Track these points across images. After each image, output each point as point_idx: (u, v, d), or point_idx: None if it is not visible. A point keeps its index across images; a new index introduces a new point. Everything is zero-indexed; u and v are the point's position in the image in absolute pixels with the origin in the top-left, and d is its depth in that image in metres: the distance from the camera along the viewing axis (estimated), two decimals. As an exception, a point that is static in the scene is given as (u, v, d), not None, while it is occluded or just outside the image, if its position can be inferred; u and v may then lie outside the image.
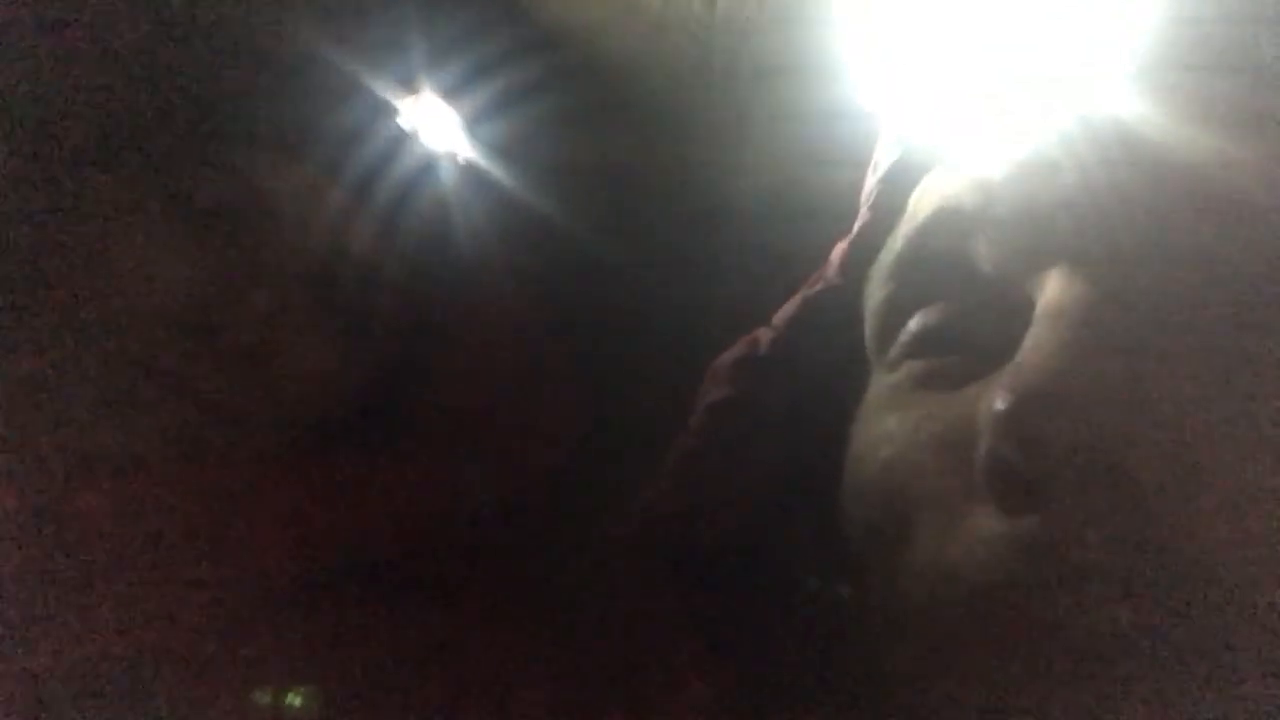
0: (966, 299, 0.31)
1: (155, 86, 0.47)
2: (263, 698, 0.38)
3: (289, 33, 0.47)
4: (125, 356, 0.44)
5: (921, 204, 0.33)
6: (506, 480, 0.47)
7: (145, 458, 0.42)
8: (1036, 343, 0.26)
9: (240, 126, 0.47)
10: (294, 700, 0.38)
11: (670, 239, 0.58)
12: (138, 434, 0.43)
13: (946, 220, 0.31)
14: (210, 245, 0.45)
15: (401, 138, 0.50)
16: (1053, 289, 0.27)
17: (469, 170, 0.53)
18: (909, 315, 0.32)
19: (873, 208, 0.36)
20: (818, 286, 0.38)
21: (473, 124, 0.52)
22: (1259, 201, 0.26)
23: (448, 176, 0.52)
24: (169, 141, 0.46)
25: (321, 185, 0.48)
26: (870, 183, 0.38)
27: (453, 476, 0.46)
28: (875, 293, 0.34)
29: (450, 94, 0.52)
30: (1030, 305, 0.28)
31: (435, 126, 0.52)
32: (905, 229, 0.33)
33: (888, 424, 0.31)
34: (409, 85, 0.51)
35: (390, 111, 0.50)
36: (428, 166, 0.51)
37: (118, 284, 0.44)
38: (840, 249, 0.38)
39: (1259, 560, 0.24)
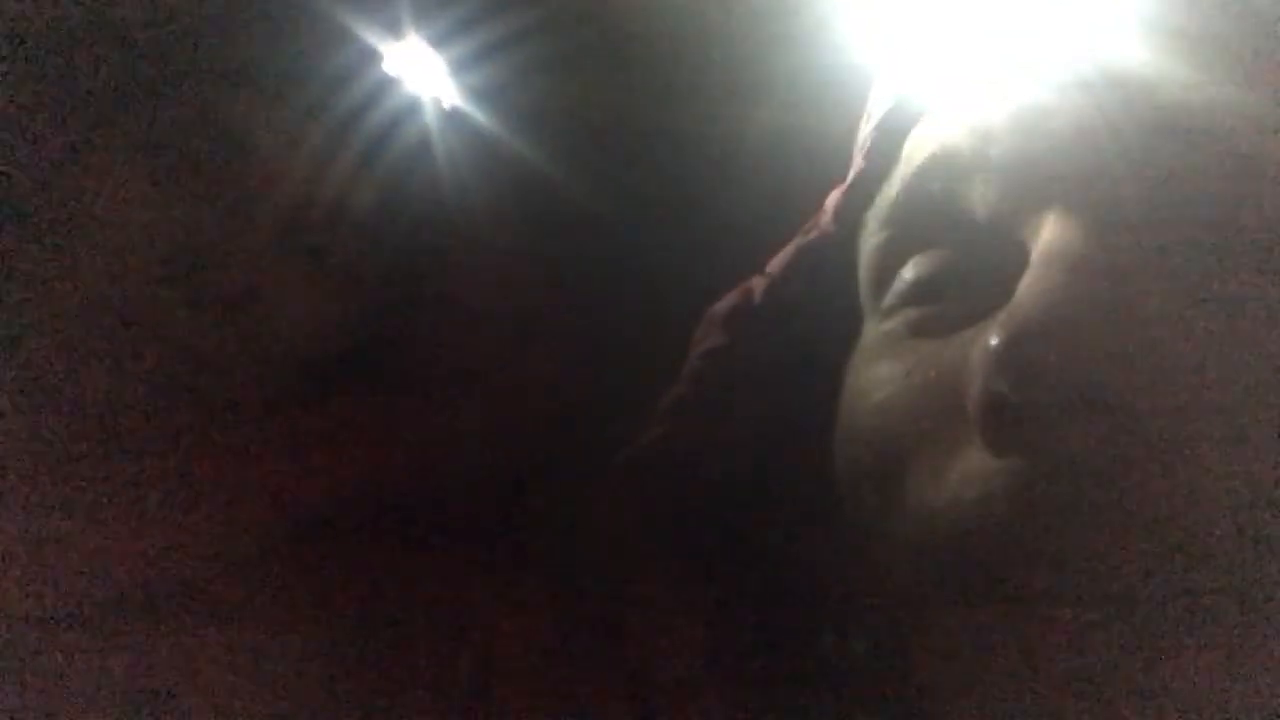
0: (961, 245, 0.31)
1: (129, 28, 0.46)
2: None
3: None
4: (104, 304, 0.43)
5: (917, 151, 0.33)
6: (503, 428, 0.47)
7: (130, 405, 0.43)
8: (1031, 284, 0.26)
9: (219, 68, 0.47)
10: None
11: (666, 185, 0.58)
12: (120, 382, 0.43)
13: (942, 166, 0.31)
14: (189, 190, 0.44)
15: (386, 83, 0.50)
16: (1047, 233, 0.27)
17: (455, 116, 0.52)
18: (904, 262, 0.32)
19: (867, 155, 0.36)
20: (812, 234, 0.37)
21: (461, 69, 0.51)
22: (1249, 145, 0.26)
23: (433, 122, 0.51)
24: (144, 85, 0.45)
25: (304, 129, 0.47)
26: (864, 131, 0.38)
27: (448, 424, 0.46)
28: (870, 240, 0.34)
29: (437, 39, 0.51)
30: (1025, 251, 0.28)
31: (421, 72, 0.51)
32: (901, 175, 0.33)
33: (881, 370, 0.32)
34: (394, 30, 0.50)
35: (375, 57, 0.49)
36: (413, 112, 0.50)
37: (94, 230, 0.44)
38: (835, 197, 0.37)
39: (1253, 484, 0.24)
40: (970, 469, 0.27)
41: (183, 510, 0.40)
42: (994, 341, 0.25)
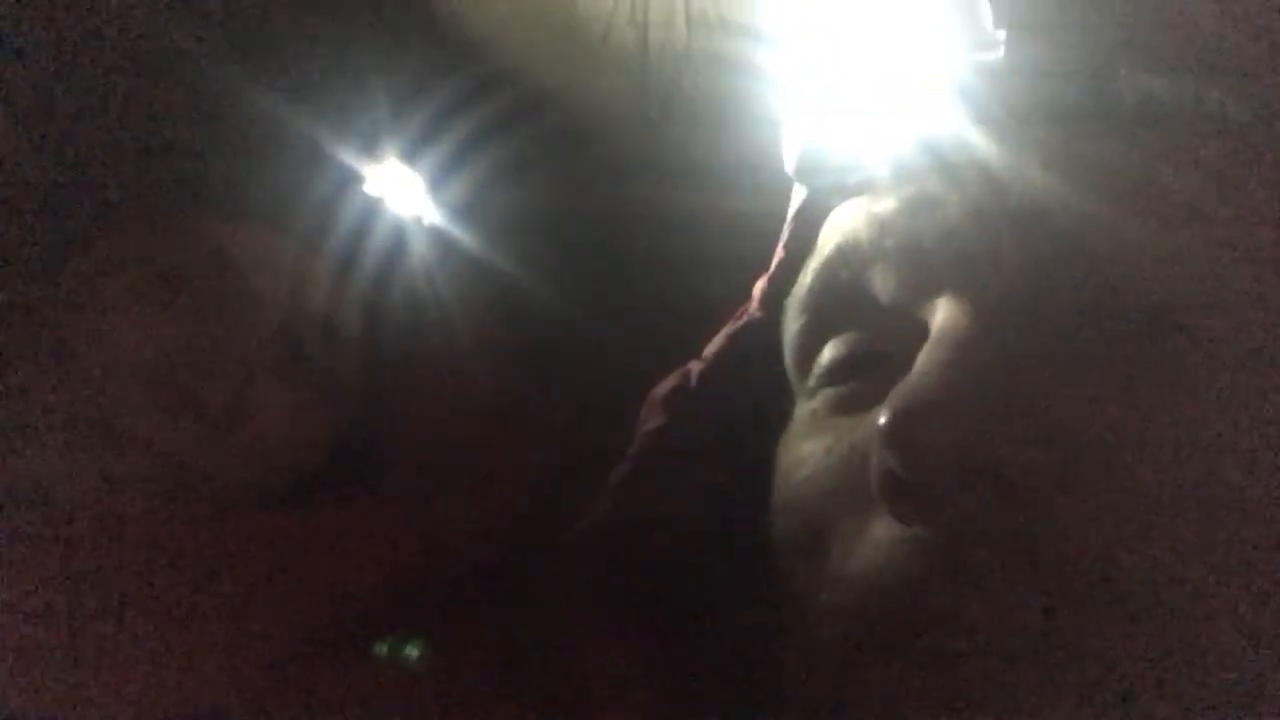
0: (871, 328, 0.33)
1: (123, 155, 0.48)
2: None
3: (257, 102, 0.49)
4: (94, 420, 0.45)
5: (826, 240, 0.36)
6: (481, 522, 0.48)
7: (120, 519, 0.44)
8: (921, 363, 0.29)
9: (209, 193, 0.49)
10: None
11: (624, 274, 0.60)
12: (110, 496, 0.45)
13: (847, 254, 0.34)
14: (179, 310, 0.46)
15: (368, 203, 0.53)
16: (939, 315, 0.30)
17: (433, 231, 0.55)
18: (822, 345, 0.35)
19: (786, 245, 0.39)
20: (741, 320, 0.40)
21: (433, 184, 0.54)
22: (1102, 243, 0.29)
23: (414, 238, 0.54)
24: (138, 208, 0.48)
25: (290, 250, 0.50)
26: (786, 223, 0.40)
27: (429, 522, 0.47)
28: (790, 325, 0.36)
29: (410, 156, 0.54)
30: (925, 330, 0.30)
31: (400, 190, 0.54)
32: (813, 264, 0.36)
33: (806, 447, 0.34)
34: (372, 152, 0.53)
35: (357, 179, 0.52)
36: (394, 229, 0.53)
37: (86, 348, 0.46)
38: (760, 285, 0.40)
39: (1129, 543, 0.26)
40: (881, 538, 0.29)
41: (174, 622, 0.41)
42: (881, 420, 0.27)
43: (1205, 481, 0.26)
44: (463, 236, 0.55)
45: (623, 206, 0.58)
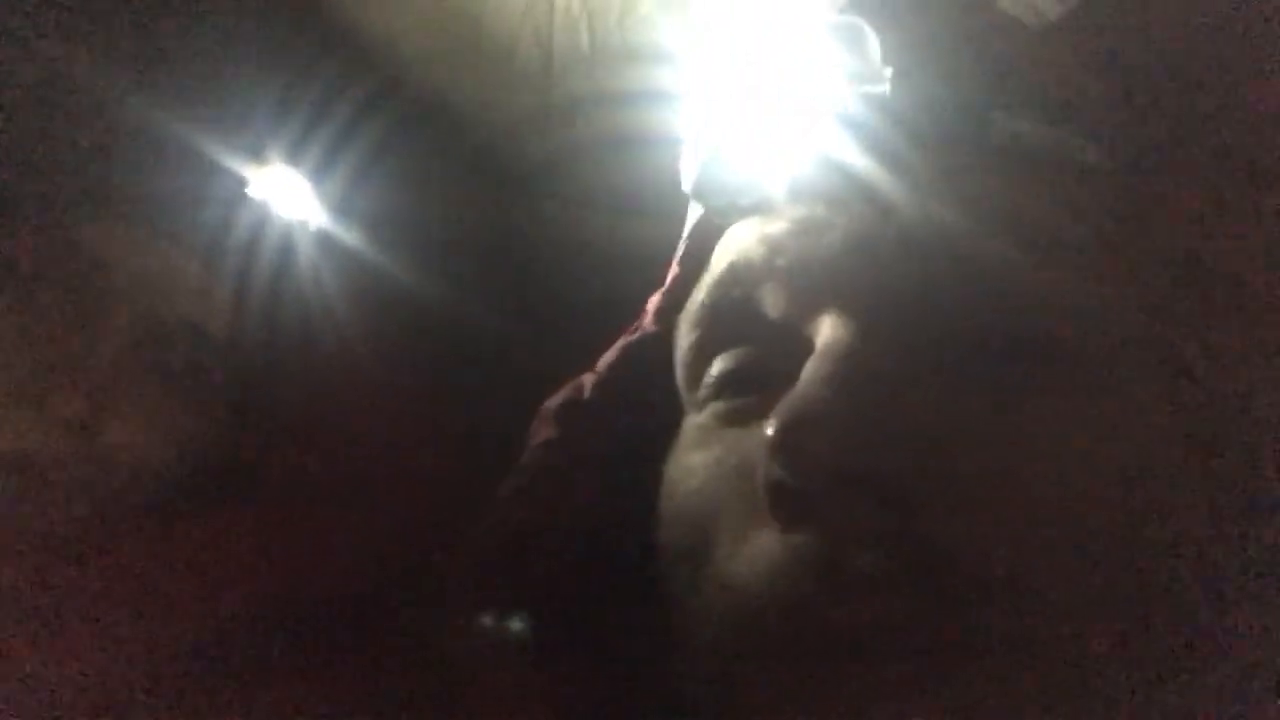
0: (760, 343, 0.34)
1: None
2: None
3: (133, 104, 0.47)
4: None
5: (719, 259, 0.37)
6: (370, 538, 0.47)
7: None
8: (805, 377, 0.30)
9: (79, 193, 0.47)
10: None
11: (518, 284, 0.61)
12: None
13: (739, 272, 0.35)
14: (40, 310, 0.44)
15: (253, 206, 0.51)
16: (824, 331, 0.31)
17: (321, 236, 0.54)
18: (711, 360, 0.36)
19: (680, 262, 0.40)
20: (635, 335, 0.41)
21: (321, 189, 0.53)
22: (975, 269, 0.31)
23: (300, 242, 0.53)
24: (4, 204, 0.46)
25: (160, 252, 0.48)
26: (681, 241, 0.41)
27: (306, 535, 0.46)
28: (683, 340, 0.37)
29: (298, 160, 0.53)
30: (812, 347, 0.32)
31: (286, 194, 0.53)
32: (706, 280, 0.37)
33: (694, 459, 0.35)
34: (259, 155, 0.52)
35: (242, 182, 0.51)
36: (279, 233, 0.52)
37: None
38: (654, 300, 0.41)
39: (1010, 543, 0.28)
40: (764, 545, 0.30)
41: (53, 634, 0.39)
42: (769, 431, 0.28)
43: (1069, 487, 0.28)
44: (351, 241, 0.54)
45: (520, 218, 0.58)
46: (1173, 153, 0.34)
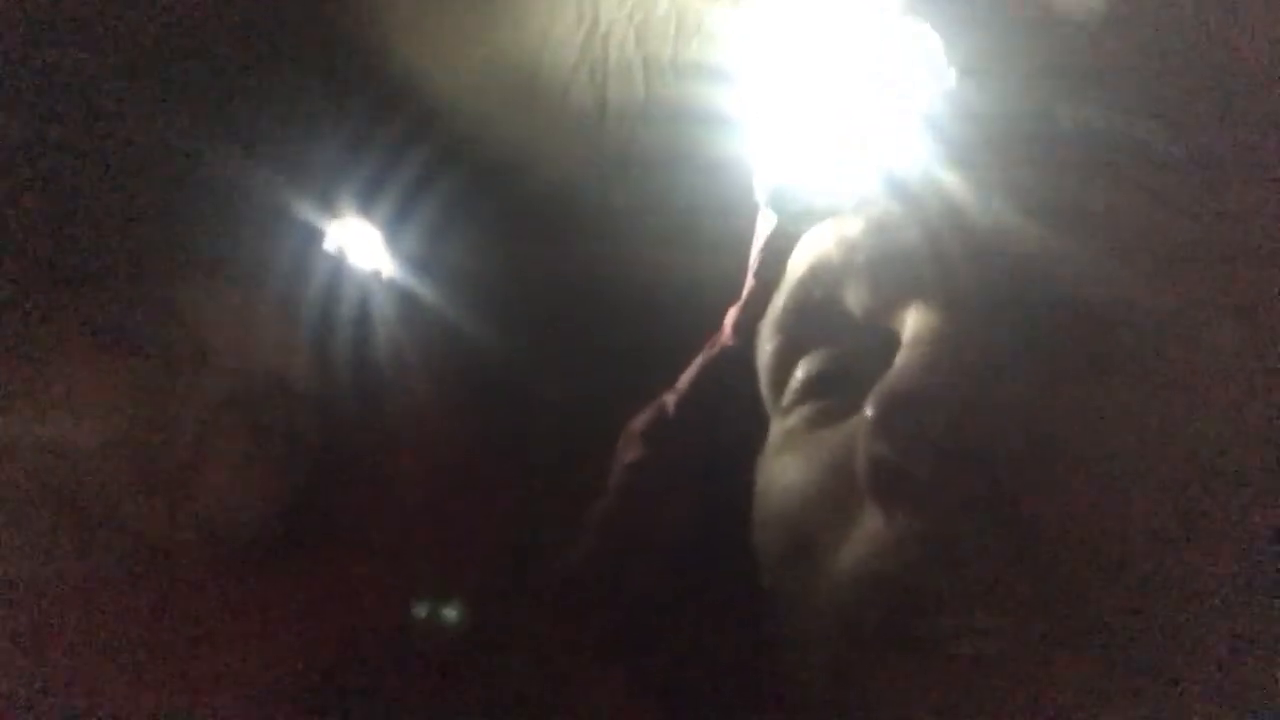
0: (844, 342, 0.35)
1: (82, 215, 0.48)
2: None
3: (208, 156, 0.49)
4: (47, 488, 0.44)
5: (797, 265, 0.37)
6: (443, 579, 0.48)
7: (70, 589, 0.42)
8: (902, 359, 0.30)
9: (161, 251, 0.49)
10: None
11: (582, 326, 0.61)
12: (61, 565, 0.43)
13: (819, 274, 0.36)
14: (130, 371, 0.46)
15: (329, 260, 0.53)
16: (912, 323, 0.32)
17: (393, 287, 0.55)
18: (795, 364, 0.36)
19: (756, 274, 0.40)
20: (715, 350, 0.41)
21: (392, 241, 0.55)
22: (1044, 256, 0.31)
23: (374, 294, 0.54)
24: (95, 269, 0.47)
25: (244, 306, 0.50)
26: (754, 254, 0.42)
27: (391, 581, 0.47)
28: (765, 347, 0.38)
29: (369, 213, 0.54)
30: (898, 341, 0.32)
31: (360, 246, 0.54)
32: (786, 287, 0.37)
33: (785, 462, 0.35)
34: (333, 209, 0.53)
35: (315, 235, 0.53)
36: (354, 285, 0.53)
37: (41, 415, 0.45)
38: (732, 314, 0.42)
39: (1111, 517, 0.28)
40: (868, 533, 0.30)
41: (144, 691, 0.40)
42: (869, 413, 0.29)
43: (1160, 451, 0.28)
44: (423, 291, 0.56)
45: (580, 261, 0.59)
46: (1247, 148, 0.35)
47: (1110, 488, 0.28)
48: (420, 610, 0.47)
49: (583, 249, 0.62)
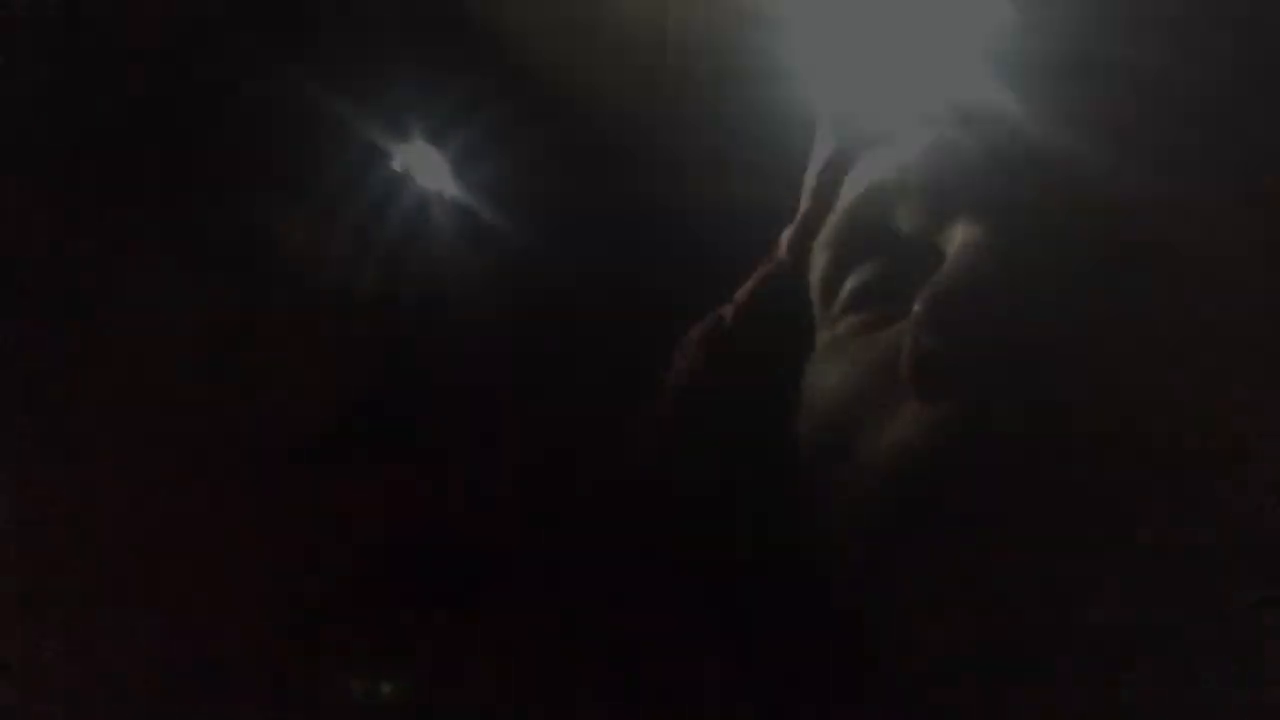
0: (892, 256, 0.37)
1: (163, 134, 0.51)
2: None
3: (290, 81, 0.52)
4: (139, 386, 0.47)
5: (852, 188, 0.39)
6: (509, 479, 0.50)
7: (167, 479, 0.45)
8: (950, 262, 0.32)
9: (247, 169, 0.52)
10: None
11: (641, 249, 0.63)
12: (156, 453, 0.46)
13: (872, 196, 0.38)
14: (215, 277, 0.49)
15: (395, 180, 0.55)
16: (959, 234, 0.33)
17: (457, 207, 0.58)
18: (846, 276, 0.38)
19: (812, 195, 0.42)
20: (770, 265, 0.44)
21: (459, 165, 0.57)
22: (1103, 181, 0.32)
23: (439, 214, 0.57)
24: (190, 183, 0.50)
25: (319, 222, 0.52)
26: (809, 178, 0.44)
27: (464, 476, 0.49)
28: (818, 259, 0.40)
29: (436, 137, 0.57)
30: (944, 255, 0.34)
31: (425, 169, 0.57)
32: (840, 207, 0.39)
33: (832, 364, 0.37)
34: (401, 131, 0.56)
35: (384, 155, 0.55)
36: (420, 206, 0.56)
37: (130, 313, 0.48)
38: (787, 232, 0.44)
39: (1157, 408, 0.29)
40: (908, 419, 0.32)
41: (225, 575, 0.43)
42: (918, 307, 0.31)
43: (1195, 343, 0.30)
44: (484, 212, 0.58)
45: (639, 183, 0.61)
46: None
47: (1146, 378, 0.29)
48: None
49: (642, 173, 0.64)
